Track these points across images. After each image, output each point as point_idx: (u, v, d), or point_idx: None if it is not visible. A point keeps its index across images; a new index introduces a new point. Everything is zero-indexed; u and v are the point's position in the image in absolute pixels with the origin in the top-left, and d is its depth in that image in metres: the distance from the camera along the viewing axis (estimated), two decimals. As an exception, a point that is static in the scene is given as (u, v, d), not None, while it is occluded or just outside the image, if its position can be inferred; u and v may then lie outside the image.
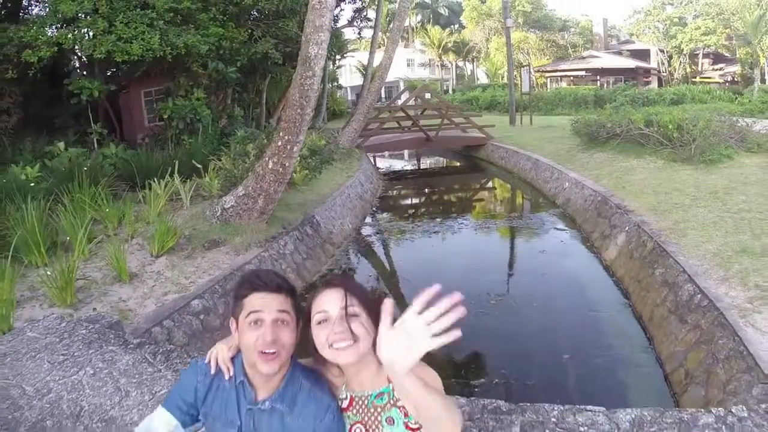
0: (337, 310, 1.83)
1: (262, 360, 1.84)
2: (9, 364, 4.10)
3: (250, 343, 1.85)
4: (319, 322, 1.85)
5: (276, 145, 8.26)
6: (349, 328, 1.81)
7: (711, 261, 6.59)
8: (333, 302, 1.85)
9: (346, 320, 1.82)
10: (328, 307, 1.85)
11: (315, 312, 1.86)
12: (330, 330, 1.82)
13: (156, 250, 7.51)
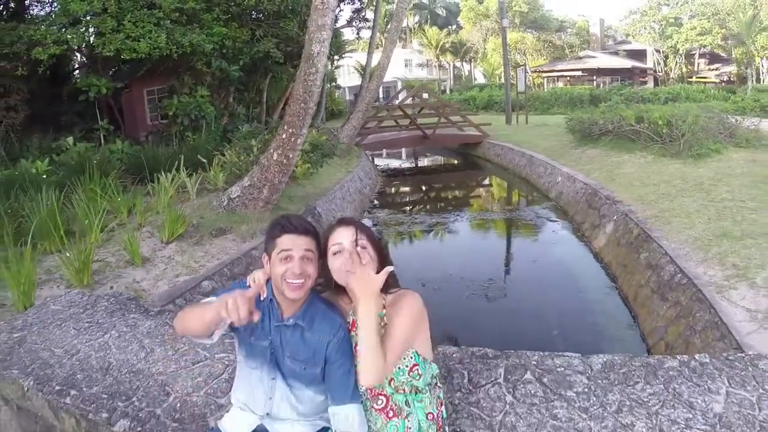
0: (349, 243, 2.30)
1: (289, 288, 2.28)
2: (36, 331, 4.48)
3: (280, 274, 2.28)
4: (334, 252, 2.33)
5: (280, 137, 8.67)
6: (358, 257, 2.28)
7: (692, 245, 6.98)
8: (346, 237, 2.32)
9: (356, 251, 2.28)
10: (343, 240, 2.32)
11: (331, 244, 2.34)
12: (344, 258, 2.29)
13: (166, 237, 7.89)
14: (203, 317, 2.17)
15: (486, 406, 2.81)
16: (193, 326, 2.26)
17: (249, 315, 2.06)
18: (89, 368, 3.73)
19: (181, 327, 2.34)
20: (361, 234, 2.34)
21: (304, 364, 2.36)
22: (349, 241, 2.32)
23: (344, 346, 2.34)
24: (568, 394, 2.85)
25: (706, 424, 2.59)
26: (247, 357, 2.45)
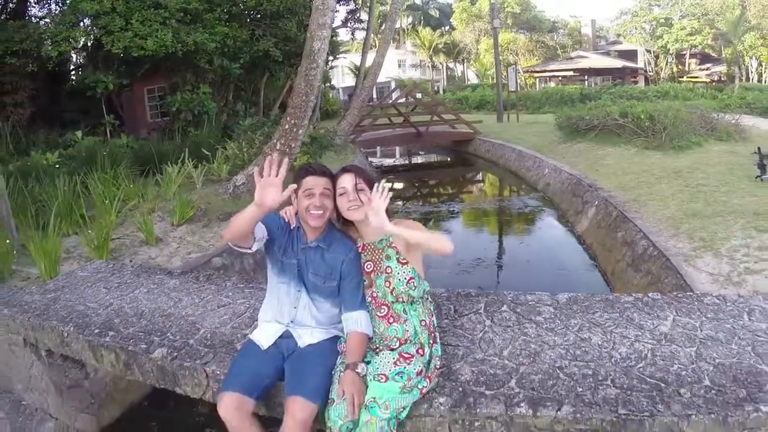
0: (351, 186, 2.95)
1: (311, 218, 2.94)
2: (69, 291, 5.02)
3: (305, 207, 2.95)
4: (341, 194, 2.97)
5: (283, 128, 9.29)
6: (358, 197, 2.92)
7: (665, 223, 7.58)
8: (348, 181, 2.97)
9: (356, 192, 2.92)
10: (346, 184, 2.96)
11: (338, 188, 2.98)
12: (347, 198, 2.94)
13: (177, 220, 8.45)
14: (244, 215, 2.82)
15: (469, 327, 3.41)
16: (236, 226, 2.86)
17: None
18: (124, 315, 4.28)
19: (229, 232, 2.92)
20: (359, 179, 2.97)
21: (324, 278, 3.03)
22: (351, 184, 2.96)
23: (355, 263, 3.02)
24: (538, 319, 3.45)
25: (652, 339, 3.17)
26: (278, 274, 3.12)
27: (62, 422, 4.86)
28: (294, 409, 2.70)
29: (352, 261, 3.02)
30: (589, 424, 2.52)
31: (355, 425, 2.63)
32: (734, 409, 2.52)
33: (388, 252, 2.96)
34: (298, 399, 2.72)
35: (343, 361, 2.88)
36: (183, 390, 3.42)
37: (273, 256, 3.14)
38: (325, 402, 2.76)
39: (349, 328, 2.94)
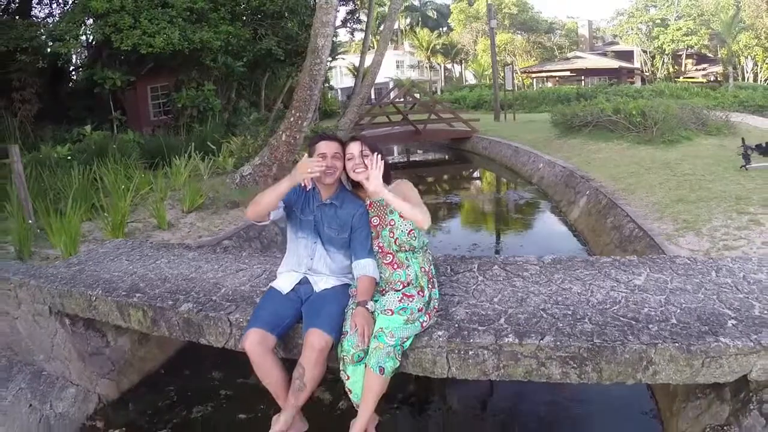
0: (358, 152, 3.43)
1: (325, 175, 3.40)
2: (92, 264, 5.43)
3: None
4: (348, 159, 3.46)
5: (288, 120, 9.74)
6: (363, 162, 3.39)
7: (651, 208, 7.98)
8: (355, 148, 3.45)
9: (362, 157, 3.39)
10: (353, 150, 3.45)
11: (346, 153, 3.48)
12: (353, 163, 3.43)
13: (187, 207, 8.85)
14: (277, 189, 3.35)
15: (463, 282, 3.85)
16: (266, 200, 3.39)
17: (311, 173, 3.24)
18: (148, 280, 4.69)
19: (253, 207, 3.46)
20: (364, 146, 3.46)
21: (337, 231, 3.53)
22: (357, 151, 3.44)
23: (364, 218, 3.51)
24: (524, 274, 3.89)
25: (626, 290, 3.59)
26: (297, 230, 3.64)
27: (83, 388, 5.24)
28: (312, 341, 3.16)
29: (361, 216, 3.51)
30: (568, 351, 2.94)
31: (365, 354, 3.07)
32: (697, 339, 2.93)
33: (391, 207, 3.41)
34: (317, 331, 3.18)
35: (355, 302, 3.35)
36: (207, 340, 3.83)
37: (292, 217, 3.68)
38: (338, 335, 3.23)
39: (359, 273, 3.43)
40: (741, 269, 3.89)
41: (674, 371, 2.89)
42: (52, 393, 5.34)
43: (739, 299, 3.39)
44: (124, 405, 5.22)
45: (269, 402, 4.34)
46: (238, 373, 5.42)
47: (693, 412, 3.73)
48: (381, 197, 3.30)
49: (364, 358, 3.11)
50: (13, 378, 5.70)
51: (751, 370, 2.90)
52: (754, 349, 2.86)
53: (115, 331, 5.49)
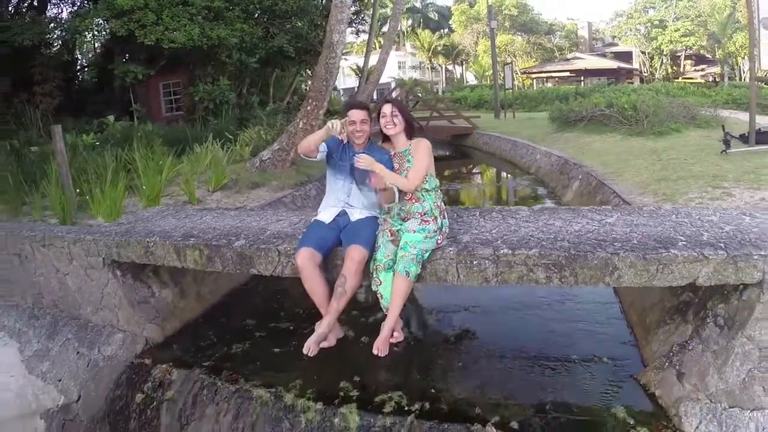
0: (389, 112, 4.29)
1: (354, 137, 4.38)
2: (142, 223, 6.27)
3: (350, 131, 4.34)
4: (382, 116, 4.32)
5: (305, 109, 10.65)
6: (392, 120, 4.27)
7: (636, 186, 8.81)
8: (387, 109, 4.32)
9: (392, 117, 4.24)
10: (385, 110, 4.31)
11: (381, 112, 4.34)
12: (385, 120, 4.28)
13: (212, 186, 9.69)
14: (316, 136, 4.29)
15: (467, 221, 4.77)
16: (309, 143, 4.34)
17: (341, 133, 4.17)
18: (199, 230, 5.54)
19: (302, 145, 4.40)
20: (394, 108, 4.33)
21: (367, 173, 4.35)
22: (389, 111, 4.32)
23: (388, 164, 4.37)
24: (517, 216, 4.80)
25: (599, 224, 4.46)
26: (335, 173, 4.63)
27: (131, 332, 6.07)
28: (353, 254, 4.10)
29: (386, 161, 4.39)
30: (550, 259, 3.82)
31: (393, 263, 3.98)
32: (651, 251, 3.78)
33: (409, 157, 4.35)
34: (356, 246, 4.12)
35: (383, 228, 4.32)
36: (257, 269, 4.68)
37: (331, 163, 4.66)
38: (372, 252, 4.18)
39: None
40: (698, 214, 4.75)
41: (634, 275, 3.74)
42: (99, 339, 6.19)
43: (691, 231, 4.24)
44: (169, 346, 6.00)
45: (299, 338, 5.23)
46: (269, 319, 6.31)
47: (663, 335, 4.59)
48: (408, 146, 4.37)
49: (391, 268, 4.04)
50: (59, 331, 6.60)
51: (698, 276, 3.72)
52: (698, 258, 3.69)
53: (159, 284, 6.35)
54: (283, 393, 4.62)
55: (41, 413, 6.00)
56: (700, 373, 3.98)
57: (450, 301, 6.45)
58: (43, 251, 6.65)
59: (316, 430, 4.31)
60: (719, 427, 3.76)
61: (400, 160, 4.41)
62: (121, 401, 5.49)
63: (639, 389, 4.36)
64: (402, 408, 4.29)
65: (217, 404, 4.82)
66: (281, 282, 7.08)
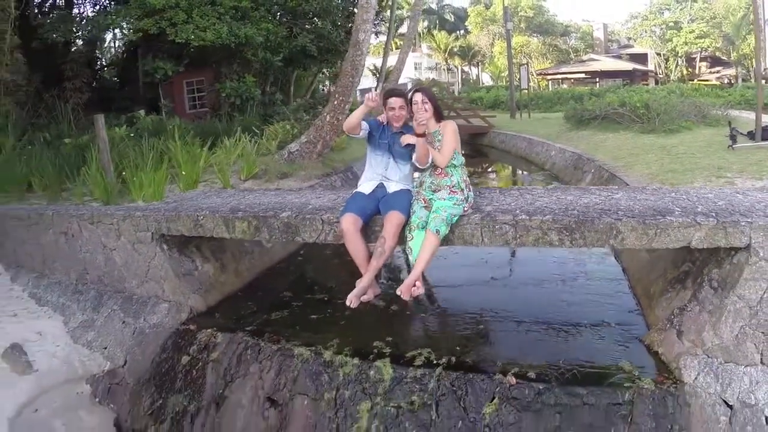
0: (420, 100, 4.90)
1: (394, 120, 5.00)
2: (187, 202, 6.92)
3: (389, 116, 4.98)
4: (414, 104, 4.92)
5: (333, 104, 11.29)
6: (423, 106, 4.86)
7: (645, 177, 9.30)
8: (419, 97, 4.92)
9: (423, 104, 4.86)
10: (416, 98, 4.91)
11: (413, 99, 4.93)
12: (417, 107, 4.86)
13: (244, 175, 10.28)
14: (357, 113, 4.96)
15: (488, 196, 5.38)
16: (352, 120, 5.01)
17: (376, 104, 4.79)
18: (245, 205, 6.14)
19: (347, 123, 5.08)
20: (425, 96, 4.95)
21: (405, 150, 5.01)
22: (420, 99, 4.92)
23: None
24: (533, 192, 5.38)
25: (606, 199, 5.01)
26: (375, 149, 5.21)
27: (176, 302, 6.65)
28: (392, 218, 4.73)
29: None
30: (562, 224, 4.40)
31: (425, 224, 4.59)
32: (650, 218, 4.34)
33: (438, 137, 4.99)
34: (395, 212, 4.76)
35: (417, 197, 4.95)
36: (302, 237, 5.29)
37: (372, 141, 5.25)
38: (407, 217, 4.80)
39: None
40: (696, 192, 5.30)
41: (635, 238, 4.30)
42: (144, 310, 6.80)
43: (688, 204, 4.80)
44: (212, 315, 6.56)
45: (334, 307, 5.85)
46: (304, 292, 6.91)
47: (666, 302, 5.13)
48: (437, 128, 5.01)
49: (423, 227, 4.66)
50: (104, 304, 7.22)
51: (692, 240, 4.26)
52: (692, 224, 4.24)
53: (202, 258, 6.94)
54: (322, 350, 5.16)
55: (87, 378, 6.49)
56: (697, 331, 4.49)
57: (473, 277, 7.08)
58: (90, 228, 7.25)
59: (353, 382, 4.84)
60: (716, 379, 4.25)
61: (432, 138, 5.03)
62: (167, 364, 6.05)
63: (644, 349, 4.88)
64: (431, 362, 4.83)
65: (261, 362, 5.36)
66: (312, 262, 7.70)
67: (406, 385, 4.65)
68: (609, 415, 4.13)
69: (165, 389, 5.86)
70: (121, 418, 6.01)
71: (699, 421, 4.10)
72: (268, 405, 5.13)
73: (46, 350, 6.69)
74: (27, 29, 17.17)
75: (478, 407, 4.37)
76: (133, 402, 6.04)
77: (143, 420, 5.81)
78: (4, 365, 6.20)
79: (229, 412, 5.32)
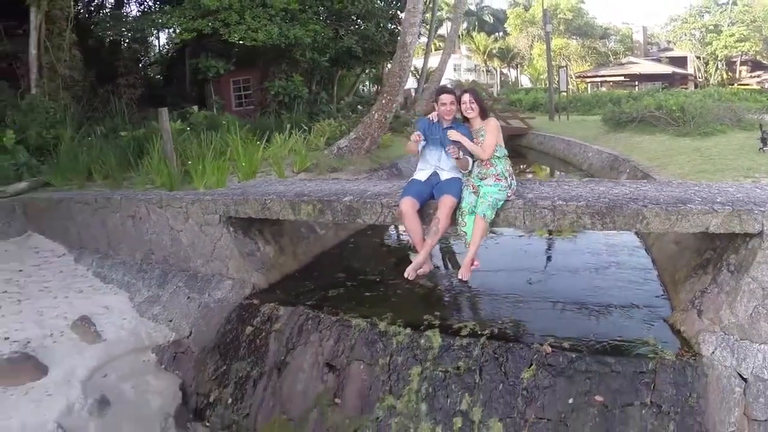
0: (468, 99, 5.62)
1: (445, 114, 5.68)
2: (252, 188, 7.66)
3: (441, 110, 5.65)
4: (462, 103, 5.63)
5: (380, 102, 11.99)
6: (471, 106, 5.59)
7: (676, 176, 9.76)
8: (466, 97, 5.64)
9: (470, 103, 5.57)
10: (465, 99, 5.63)
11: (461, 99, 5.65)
12: (465, 106, 5.59)
13: (297, 168, 10.96)
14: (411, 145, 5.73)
15: (529, 186, 6.04)
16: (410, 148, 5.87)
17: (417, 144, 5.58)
18: (308, 191, 6.87)
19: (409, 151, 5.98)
20: (472, 96, 5.63)
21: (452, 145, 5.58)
22: (468, 99, 5.62)
23: (468, 137, 5.63)
24: (570, 184, 6.00)
25: (634, 189, 5.54)
26: (428, 144, 5.85)
27: (239, 279, 7.38)
28: (445, 201, 5.42)
29: (467, 134, 5.68)
30: (594, 209, 5.03)
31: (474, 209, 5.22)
32: (672, 206, 4.91)
33: (482, 133, 5.67)
34: (448, 195, 5.44)
35: (467, 184, 5.60)
36: (363, 219, 5.99)
37: (427, 137, 5.87)
38: (458, 200, 5.48)
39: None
40: (717, 186, 5.86)
41: (659, 222, 4.90)
42: (209, 286, 7.54)
43: (708, 195, 5.37)
44: (273, 291, 7.27)
45: (386, 286, 6.51)
46: (358, 273, 7.60)
47: (689, 286, 5.69)
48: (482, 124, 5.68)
49: (473, 212, 5.36)
50: (169, 281, 7.99)
51: (709, 225, 4.83)
52: (710, 211, 4.82)
53: (263, 241, 7.66)
54: (377, 322, 5.82)
55: (153, 348, 7.21)
56: (716, 310, 5.04)
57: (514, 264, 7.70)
58: (159, 212, 8.04)
59: (405, 350, 5.48)
60: (732, 353, 4.78)
61: (476, 136, 5.73)
62: (231, 334, 6.78)
63: (667, 327, 5.44)
64: (475, 332, 5.47)
65: (320, 332, 6.04)
66: (362, 249, 8.38)
67: (453, 352, 5.28)
68: (634, 382, 4.69)
69: (229, 357, 6.57)
70: (186, 383, 6.71)
71: (715, 390, 4.62)
72: (326, 370, 5.79)
73: (113, 322, 7.42)
74: (82, 27, 18.15)
75: (517, 372, 4.98)
76: (197, 369, 6.76)
77: (207, 385, 6.54)
78: (74, 335, 6.93)
79: (291, 376, 5.98)
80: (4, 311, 7.41)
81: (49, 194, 10.58)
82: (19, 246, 9.98)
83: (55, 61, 16.04)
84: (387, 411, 5.25)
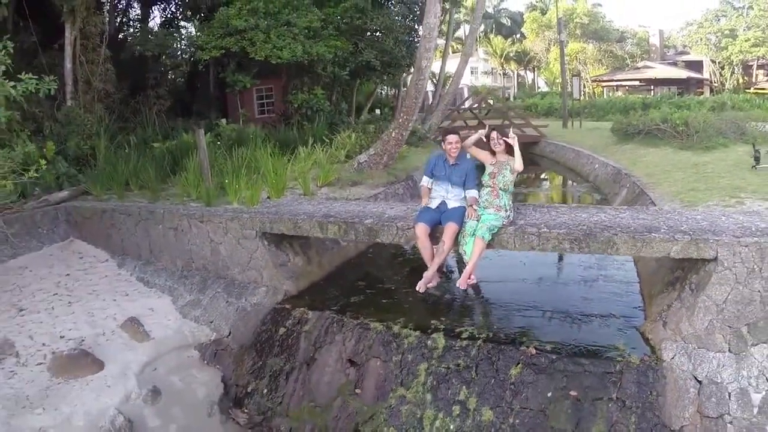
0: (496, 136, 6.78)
1: (449, 155, 6.78)
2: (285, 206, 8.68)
3: (446, 149, 6.76)
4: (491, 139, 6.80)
5: (398, 121, 13.01)
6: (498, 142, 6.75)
7: (669, 194, 10.58)
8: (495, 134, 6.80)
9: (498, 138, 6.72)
10: (493, 136, 6.78)
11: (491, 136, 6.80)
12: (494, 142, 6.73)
13: (321, 182, 11.92)
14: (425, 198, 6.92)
15: (523, 212, 7.03)
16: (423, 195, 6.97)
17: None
18: (334, 212, 7.91)
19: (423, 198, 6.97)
20: (499, 134, 6.72)
21: (458, 177, 6.74)
22: (496, 136, 6.70)
23: (472, 171, 6.74)
24: (558, 210, 7.01)
25: (612, 216, 6.49)
26: (437, 180, 6.91)
27: (272, 287, 8.42)
28: (449, 227, 6.45)
29: (471, 170, 6.76)
30: (573, 236, 6.02)
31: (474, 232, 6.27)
32: (640, 234, 5.87)
33: (506, 166, 6.75)
34: (451, 223, 6.48)
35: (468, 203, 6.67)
36: (381, 239, 7.06)
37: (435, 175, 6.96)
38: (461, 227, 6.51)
39: (468, 195, 6.75)
40: (688, 214, 6.83)
41: (627, 248, 5.89)
42: (246, 292, 8.57)
43: (674, 223, 6.33)
44: (302, 297, 8.33)
45: (400, 294, 7.53)
46: (376, 282, 8.66)
47: (660, 300, 6.65)
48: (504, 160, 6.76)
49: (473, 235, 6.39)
50: (208, 287, 9.01)
51: (671, 251, 5.77)
52: (671, 239, 5.76)
53: (293, 253, 8.69)
54: (391, 325, 6.91)
55: (196, 345, 8.24)
56: (677, 322, 5.99)
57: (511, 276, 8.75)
58: (200, 225, 9.09)
59: (415, 349, 6.55)
60: (689, 359, 5.73)
61: (500, 167, 6.80)
62: (266, 334, 7.84)
63: (639, 335, 6.42)
64: (473, 336, 6.53)
65: (344, 333, 7.12)
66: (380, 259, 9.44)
67: (455, 351, 6.35)
68: (603, 381, 5.71)
69: (264, 353, 7.65)
70: (226, 376, 7.76)
71: (673, 390, 5.57)
72: (348, 365, 6.89)
73: (159, 323, 8.47)
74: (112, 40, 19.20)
75: (507, 370, 6.05)
76: (236, 363, 7.82)
77: (245, 377, 7.60)
78: (124, 334, 7.99)
79: (318, 370, 7.05)
80: (58, 312, 8.44)
81: (91, 203, 11.41)
82: (63, 250, 10.83)
83: (89, 75, 17.02)
84: (398, 400, 6.31)
